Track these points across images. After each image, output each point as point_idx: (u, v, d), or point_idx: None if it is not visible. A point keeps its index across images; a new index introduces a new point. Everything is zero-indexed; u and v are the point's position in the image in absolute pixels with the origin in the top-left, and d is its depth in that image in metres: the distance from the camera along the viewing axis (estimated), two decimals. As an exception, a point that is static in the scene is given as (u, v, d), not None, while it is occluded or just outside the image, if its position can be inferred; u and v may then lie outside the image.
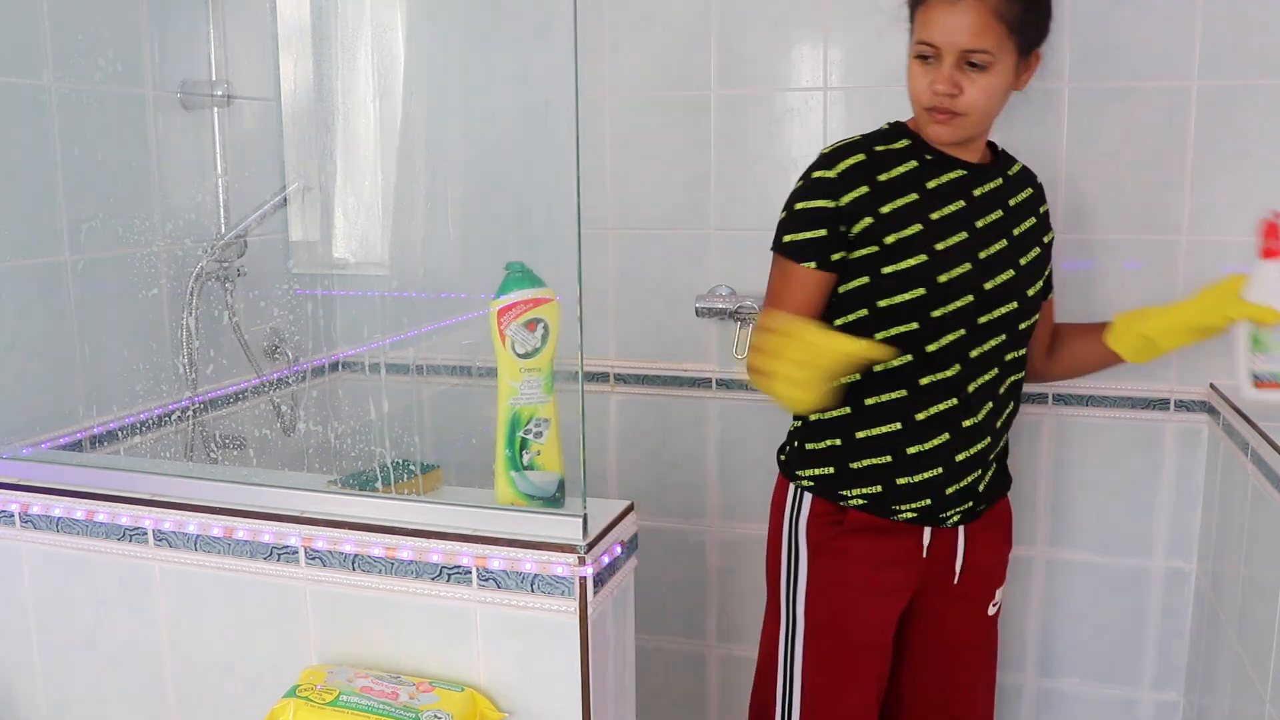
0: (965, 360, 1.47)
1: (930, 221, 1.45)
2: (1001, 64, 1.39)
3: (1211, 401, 1.87)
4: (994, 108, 1.43)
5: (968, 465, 1.50)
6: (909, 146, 1.49)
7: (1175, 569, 1.96)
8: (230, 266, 1.81)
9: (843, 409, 1.51)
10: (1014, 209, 1.53)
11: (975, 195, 1.50)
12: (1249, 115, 1.80)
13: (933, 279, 1.43)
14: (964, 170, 1.50)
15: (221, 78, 1.85)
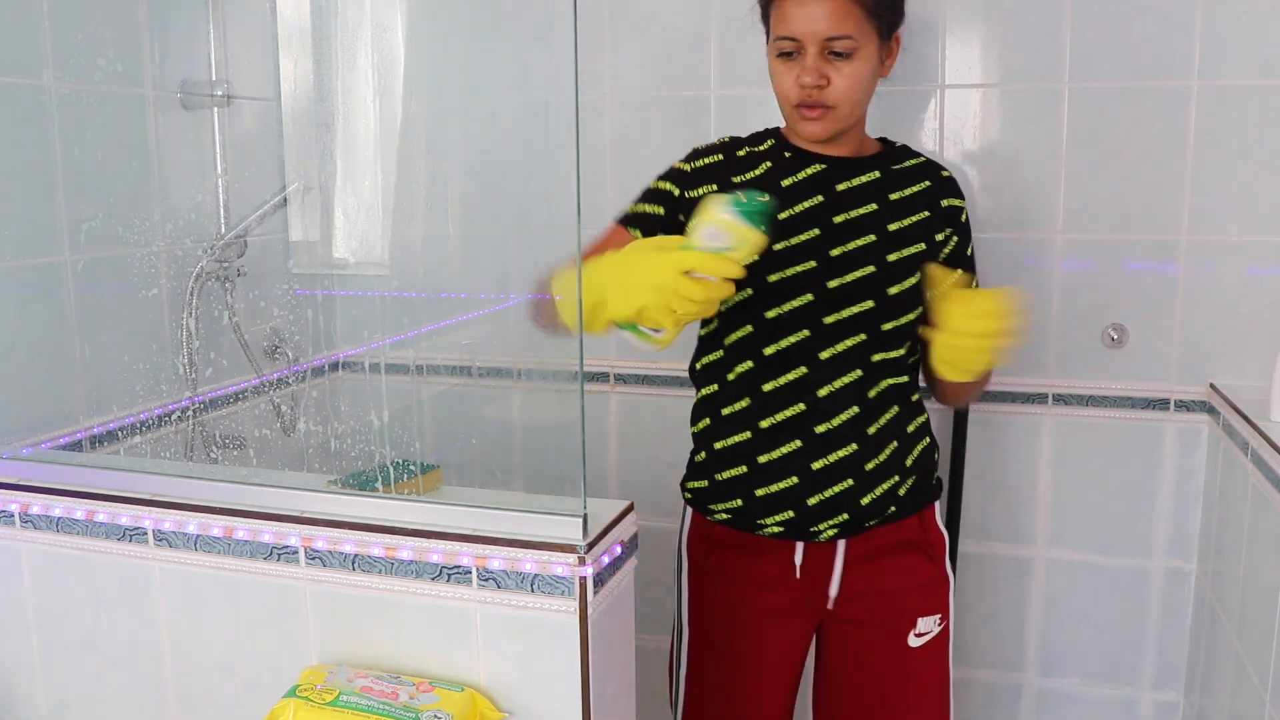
0: (813, 363, 1.39)
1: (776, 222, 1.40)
2: (865, 50, 1.35)
3: (1211, 401, 1.87)
4: (863, 96, 1.39)
5: (830, 474, 1.39)
6: (770, 147, 1.49)
7: (1175, 569, 1.96)
8: (230, 266, 1.81)
9: (704, 420, 1.48)
10: (894, 203, 1.43)
11: (838, 190, 1.43)
12: (1249, 115, 1.80)
13: (762, 279, 1.37)
14: (823, 165, 1.44)
15: (221, 78, 1.85)
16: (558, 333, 1.34)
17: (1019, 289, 1.33)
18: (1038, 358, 1.97)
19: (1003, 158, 1.93)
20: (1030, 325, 1.41)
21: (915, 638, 1.47)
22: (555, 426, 1.47)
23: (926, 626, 1.47)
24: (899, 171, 1.47)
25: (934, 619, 1.48)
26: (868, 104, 1.43)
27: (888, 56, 1.42)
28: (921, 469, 1.48)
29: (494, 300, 1.90)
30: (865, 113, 1.45)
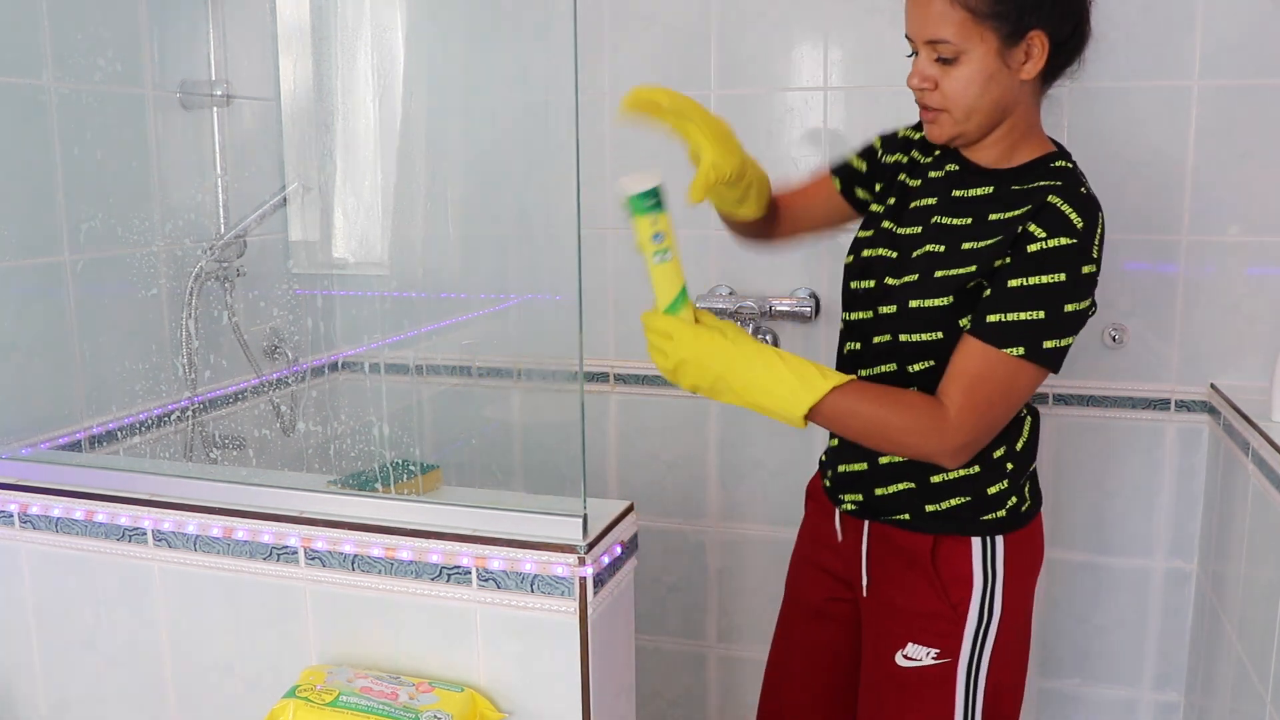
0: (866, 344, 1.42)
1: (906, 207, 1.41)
2: (974, 53, 1.26)
3: (1212, 401, 1.87)
4: (980, 101, 1.28)
5: (849, 451, 1.43)
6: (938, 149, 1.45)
7: (1175, 569, 1.96)
8: (230, 266, 1.81)
9: None
10: (986, 223, 1.32)
11: (953, 196, 1.37)
12: (1249, 115, 1.80)
13: (860, 250, 1.43)
14: (956, 166, 1.38)
15: (221, 78, 1.85)
16: None
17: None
18: (1038, 358, 1.97)
19: (1003, 158, 1.93)
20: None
21: (903, 659, 1.41)
22: (555, 426, 1.47)
23: (917, 654, 1.41)
24: (1015, 192, 1.32)
25: (929, 651, 1.40)
26: (998, 108, 1.30)
27: (1024, 58, 1.28)
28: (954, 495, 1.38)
29: (494, 300, 1.90)
30: (1018, 118, 1.33)
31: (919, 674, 1.41)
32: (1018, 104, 1.31)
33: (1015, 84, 1.29)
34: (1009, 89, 1.29)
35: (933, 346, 1.33)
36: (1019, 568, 1.40)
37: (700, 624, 2.19)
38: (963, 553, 1.38)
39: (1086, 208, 1.26)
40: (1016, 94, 1.30)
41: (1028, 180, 1.32)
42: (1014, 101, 1.31)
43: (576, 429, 1.15)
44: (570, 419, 1.15)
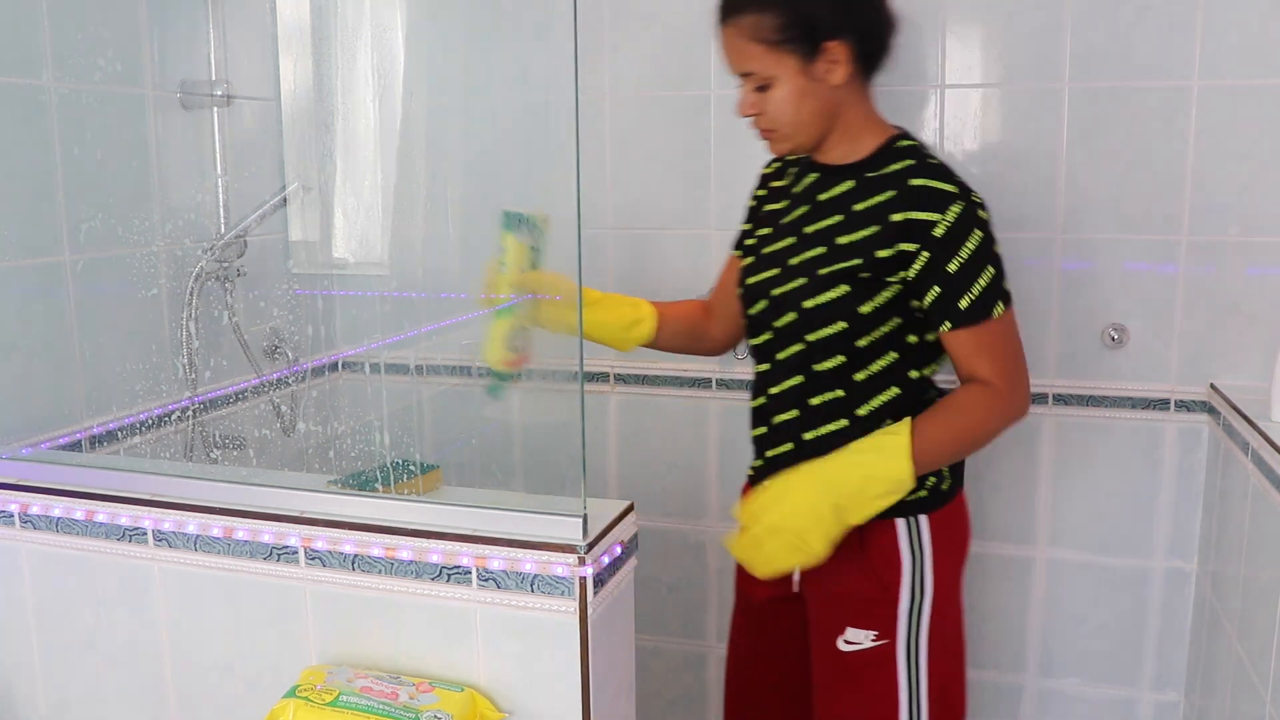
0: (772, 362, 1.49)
1: (779, 226, 1.50)
2: (781, 76, 1.38)
3: (1211, 401, 1.87)
4: (801, 116, 1.40)
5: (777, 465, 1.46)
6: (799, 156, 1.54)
7: (1175, 569, 1.96)
8: (230, 266, 1.81)
9: None
10: (855, 215, 1.41)
11: (819, 200, 1.46)
12: (1249, 115, 1.80)
13: (744, 280, 1.50)
14: (818, 173, 1.48)
15: (221, 78, 1.85)
16: None
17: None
18: (1038, 358, 1.97)
19: (1003, 158, 1.93)
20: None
21: (845, 644, 1.47)
22: (555, 426, 1.47)
23: (857, 637, 1.46)
24: (873, 179, 1.42)
25: (868, 634, 1.46)
26: (825, 115, 1.42)
27: (829, 66, 1.39)
28: None
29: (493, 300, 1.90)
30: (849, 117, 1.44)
31: (861, 657, 1.46)
32: (842, 106, 1.42)
33: (829, 91, 1.40)
34: (826, 97, 1.40)
35: (838, 340, 1.41)
36: (945, 546, 1.48)
37: (700, 624, 2.19)
38: (889, 535, 1.45)
39: (941, 170, 1.39)
40: (837, 98, 1.41)
41: (881, 166, 1.42)
42: (836, 105, 1.42)
43: (576, 429, 1.15)
44: (570, 419, 1.15)
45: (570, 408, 1.16)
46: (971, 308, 1.36)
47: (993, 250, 1.38)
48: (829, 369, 1.43)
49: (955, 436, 1.39)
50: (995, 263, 1.38)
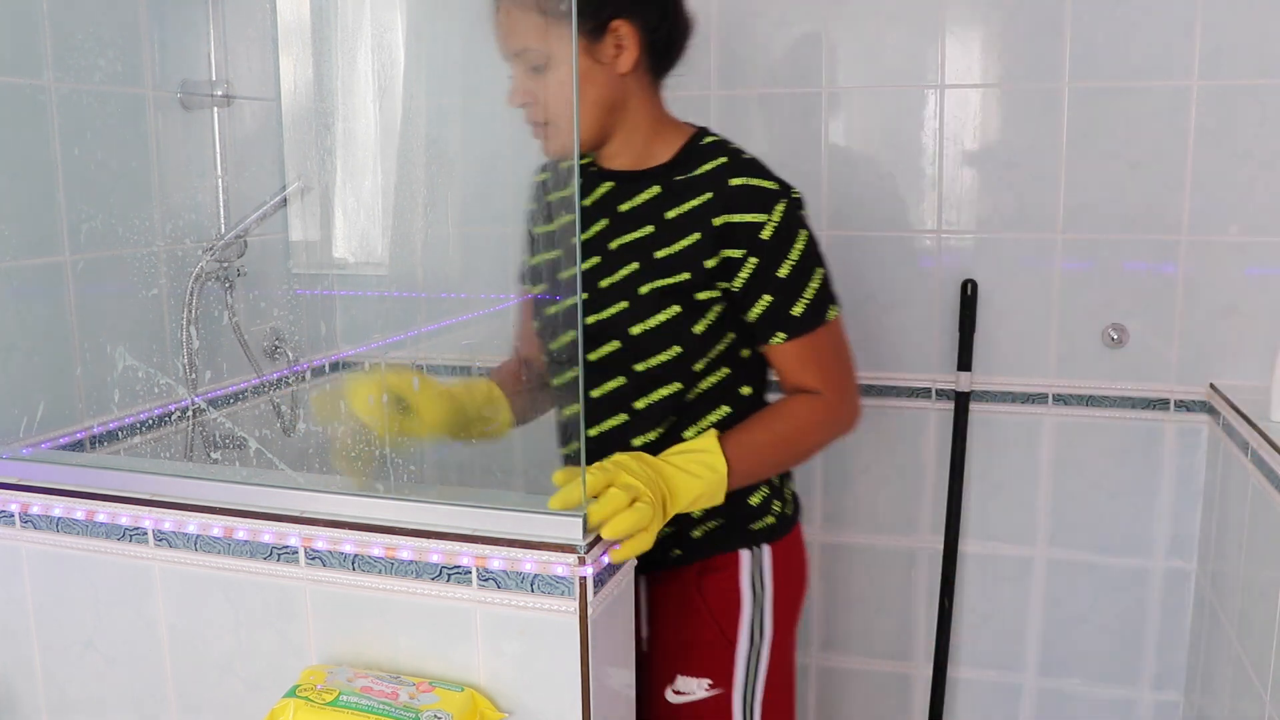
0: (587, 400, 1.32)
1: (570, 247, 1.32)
2: (561, 55, 1.20)
3: (1211, 401, 1.87)
4: (586, 103, 1.23)
5: None
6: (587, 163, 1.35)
7: (1175, 569, 1.96)
8: (230, 266, 1.81)
9: None
10: (669, 224, 1.26)
11: (620, 211, 1.29)
12: (1249, 115, 1.80)
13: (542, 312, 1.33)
14: (612, 182, 1.31)
15: (221, 78, 1.85)
16: None
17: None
18: (1038, 358, 1.97)
19: (1003, 158, 1.93)
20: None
21: (674, 694, 1.35)
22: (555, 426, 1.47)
23: (687, 687, 1.34)
24: (682, 183, 1.27)
25: (701, 682, 1.34)
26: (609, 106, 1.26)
27: (613, 51, 1.23)
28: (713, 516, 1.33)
29: (494, 300, 1.90)
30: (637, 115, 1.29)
31: (692, 709, 1.34)
32: (628, 99, 1.27)
33: (614, 79, 1.25)
34: (609, 85, 1.25)
35: (673, 366, 1.27)
36: (786, 581, 1.37)
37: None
38: (730, 572, 1.34)
39: (759, 166, 1.28)
40: (620, 89, 1.26)
41: (689, 168, 1.28)
42: (620, 97, 1.26)
43: (577, 429, 1.15)
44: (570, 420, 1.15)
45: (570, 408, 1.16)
46: (806, 314, 1.25)
47: (818, 250, 1.28)
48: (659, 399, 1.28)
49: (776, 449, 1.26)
50: (823, 263, 1.28)
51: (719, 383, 1.30)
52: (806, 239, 1.26)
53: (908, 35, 1.94)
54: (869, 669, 2.17)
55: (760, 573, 1.35)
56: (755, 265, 1.23)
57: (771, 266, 1.24)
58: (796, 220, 1.26)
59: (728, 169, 1.26)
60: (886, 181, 1.99)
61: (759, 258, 1.23)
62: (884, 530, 2.11)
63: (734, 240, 1.23)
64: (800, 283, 1.25)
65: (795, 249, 1.25)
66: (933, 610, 2.09)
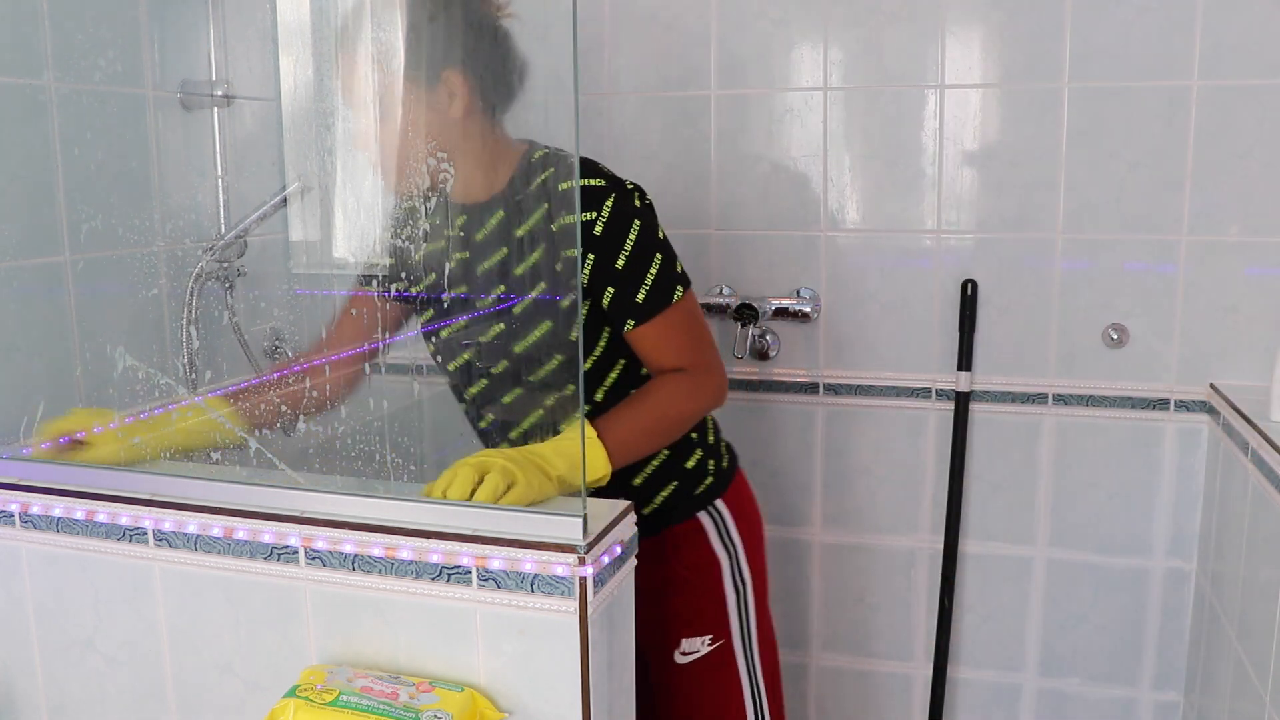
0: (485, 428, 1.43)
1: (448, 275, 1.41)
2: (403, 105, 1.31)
3: (1211, 401, 1.87)
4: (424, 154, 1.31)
5: None
6: None
7: (1175, 569, 1.96)
8: (230, 267, 1.81)
9: None
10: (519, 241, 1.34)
11: (477, 240, 1.37)
12: (1249, 115, 1.80)
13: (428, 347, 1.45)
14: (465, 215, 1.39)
15: (221, 78, 1.85)
16: None
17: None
18: (1038, 358, 1.97)
19: (1003, 158, 1.93)
20: None
21: (681, 656, 1.48)
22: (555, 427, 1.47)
23: (692, 646, 1.48)
24: (522, 201, 1.34)
25: (703, 639, 1.48)
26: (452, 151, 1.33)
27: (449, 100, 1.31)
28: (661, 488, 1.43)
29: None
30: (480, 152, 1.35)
31: (700, 664, 1.48)
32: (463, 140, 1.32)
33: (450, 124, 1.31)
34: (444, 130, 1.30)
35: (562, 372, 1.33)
36: (747, 528, 1.49)
37: (700, 624, 2.19)
38: (698, 537, 1.45)
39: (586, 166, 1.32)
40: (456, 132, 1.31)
41: (527, 184, 1.34)
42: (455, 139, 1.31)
43: (577, 429, 1.15)
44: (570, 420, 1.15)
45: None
46: (649, 300, 1.32)
47: (656, 236, 1.33)
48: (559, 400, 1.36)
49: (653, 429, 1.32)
50: (662, 248, 1.33)
51: (621, 375, 1.38)
52: (639, 229, 1.31)
53: (908, 35, 1.94)
54: (869, 669, 2.17)
55: (725, 529, 1.46)
56: (594, 261, 1.30)
57: (609, 260, 1.30)
58: (628, 212, 1.31)
59: (556, 176, 1.33)
60: (886, 181, 2.00)
61: (595, 254, 1.30)
62: (884, 530, 2.11)
63: (572, 241, 1.29)
64: (639, 271, 1.31)
65: (629, 239, 1.30)
66: (933, 610, 2.09)
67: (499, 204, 1.36)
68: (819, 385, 2.08)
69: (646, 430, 1.32)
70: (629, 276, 1.31)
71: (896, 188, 1.99)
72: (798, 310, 2.04)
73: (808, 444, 2.10)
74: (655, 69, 2.05)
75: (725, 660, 1.49)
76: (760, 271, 2.06)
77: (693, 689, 1.49)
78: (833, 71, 1.98)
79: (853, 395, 2.07)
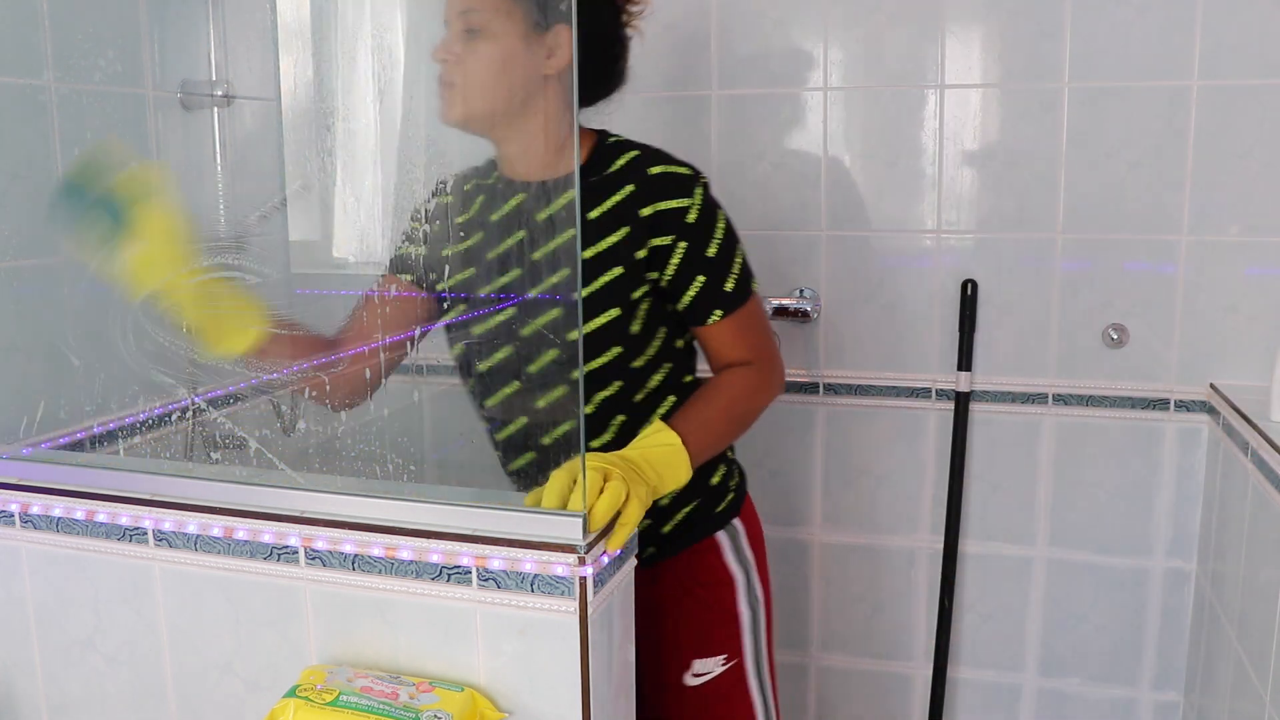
0: None
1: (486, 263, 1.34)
2: (499, 30, 1.22)
3: (1211, 401, 1.87)
4: (492, 83, 1.24)
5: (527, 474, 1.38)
6: (494, 179, 1.37)
7: (1175, 569, 1.96)
8: (230, 266, 1.81)
9: None
10: (592, 224, 1.29)
11: (539, 220, 1.31)
12: (1249, 115, 1.81)
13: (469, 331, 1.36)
14: (524, 194, 1.33)
15: (221, 78, 1.85)
16: None
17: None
18: (1038, 358, 1.97)
19: (1003, 158, 1.93)
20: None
21: (693, 678, 1.42)
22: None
23: (705, 667, 1.42)
24: (599, 182, 1.29)
25: (716, 660, 1.42)
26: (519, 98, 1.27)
27: (547, 52, 1.25)
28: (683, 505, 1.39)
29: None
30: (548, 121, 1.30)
31: (712, 685, 1.42)
32: (538, 101, 1.27)
33: (537, 76, 1.26)
34: (529, 79, 1.25)
35: (614, 367, 1.30)
36: (758, 547, 1.46)
37: (700, 624, 2.19)
38: (714, 555, 1.41)
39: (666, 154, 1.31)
40: (538, 89, 1.26)
41: (601, 168, 1.30)
42: (533, 95, 1.26)
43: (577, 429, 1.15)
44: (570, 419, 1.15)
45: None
46: (736, 290, 1.31)
47: (733, 227, 1.33)
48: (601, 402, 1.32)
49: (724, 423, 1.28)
50: (740, 245, 1.33)
51: (664, 379, 1.34)
52: (725, 218, 1.31)
53: (908, 35, 1.94)
54: (869, 669, 2.17)
55: (739, 548, 1.43)
56: (685, 249, 1.27)
57: (701, 248, 1.28)
58: (713, 201, 1.31)
59: (643, 160, 1.29)
60: (886, 181, 2.00)
61: (688, 241, 1.27)
62: (884, 530, 2.11)
63: (662, 228, 1.26)
64: (728, 260, 1.30)
65: (719, 228, 1.30)
66: (933, 610, 2.09)
67: (568, 185, 1.29)
68: (819, 385, 2.08)
69: (721, 431, 1.28)
70: (720, 265, 1.28)
71: (896, 188, 1.99)
72: (798, 310, 2.04)
73: (808, 444, 2.10)
74: (655, 69, 2.05)
75: (738, 680, 1.44)
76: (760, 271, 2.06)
77: (702, 712, 1.43)
78: (833, 71, 1.98)
79: (853, 395, 2.07)
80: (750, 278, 1.33)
